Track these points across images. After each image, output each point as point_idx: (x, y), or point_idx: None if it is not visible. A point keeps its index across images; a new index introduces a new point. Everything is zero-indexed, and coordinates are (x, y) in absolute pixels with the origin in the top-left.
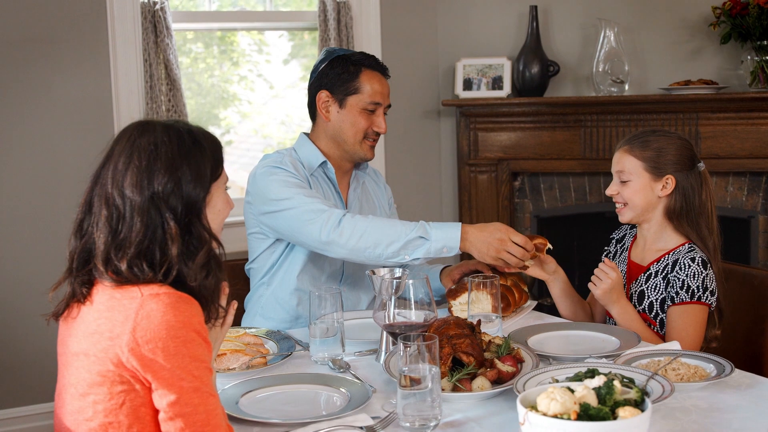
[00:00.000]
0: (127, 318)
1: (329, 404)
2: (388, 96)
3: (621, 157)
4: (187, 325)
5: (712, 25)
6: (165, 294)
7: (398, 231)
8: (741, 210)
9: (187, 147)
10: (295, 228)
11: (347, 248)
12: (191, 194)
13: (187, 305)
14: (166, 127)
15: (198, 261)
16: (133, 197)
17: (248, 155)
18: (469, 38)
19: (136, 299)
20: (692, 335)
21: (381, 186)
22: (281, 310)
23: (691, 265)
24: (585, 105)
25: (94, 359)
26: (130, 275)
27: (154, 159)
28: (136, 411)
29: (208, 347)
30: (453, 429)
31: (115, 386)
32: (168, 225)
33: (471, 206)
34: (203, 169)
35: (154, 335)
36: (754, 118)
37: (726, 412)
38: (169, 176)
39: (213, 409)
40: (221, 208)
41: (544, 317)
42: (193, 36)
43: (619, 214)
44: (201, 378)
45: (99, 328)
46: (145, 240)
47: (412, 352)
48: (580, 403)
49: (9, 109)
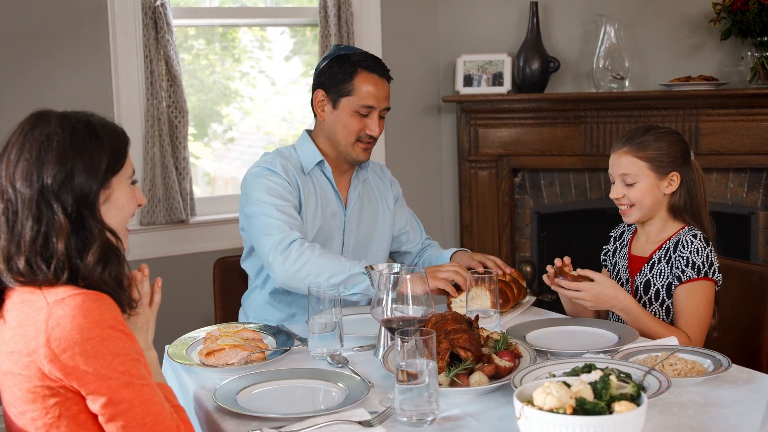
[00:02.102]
0: (39, 330)
1: (327, 399)
2: (385, 99)
3: (621, 158)
4: (100, 323)
5: (712, 21)
6: (70, 297)
7: (343, 265)
8: (741, 206)
9: (80, 139)
10: (255, 235)
11: (287, 273)
12: (83, 187)
13: (95, 303)
14: (60, 118)
15: (92, 255)
16: (23, 190)
17: (250, 152)
18: (469, 34)
19: (42, 310)
20: (702, 312)
21: (386, 182)
22: (275, 311)
23: (693, 241)
24: (585, 101)
25: (20, 377)
26: (30, 275)
27: (45, 151)
28: (75, 418)
29: (128, 338)
30: (450, 423)
31: (47, 400)
32: (57, 218)
33: (471, 202)
34: (98, 161)
35: (69, 342)
36: (755, 115)
37: (723, 407)
38: (59, 168)
39: (150, 399)
40: (125, 203)
41: (543, 313)
42: (194, 32)
43: (625, 216)
44: (128, 372)
45: (16, 347)
46: (38, 236)
47: (410, 347)
48: (576, 398)
49: (10, 104)
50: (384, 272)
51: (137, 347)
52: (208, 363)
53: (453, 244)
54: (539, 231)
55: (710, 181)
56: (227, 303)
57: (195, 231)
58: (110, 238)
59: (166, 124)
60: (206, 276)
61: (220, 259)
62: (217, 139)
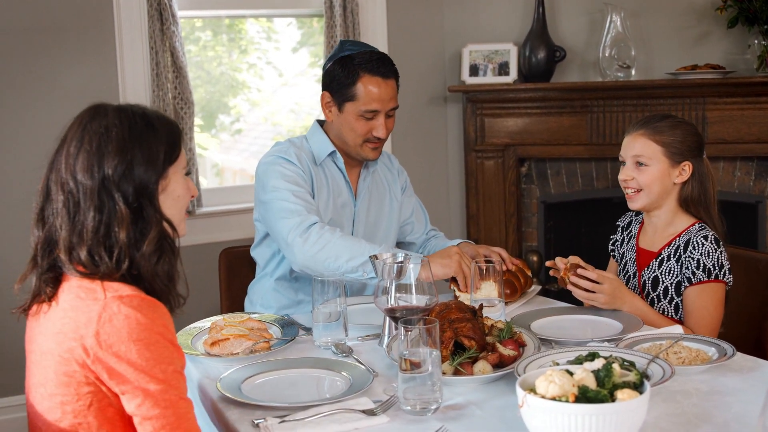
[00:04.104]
0: (90, 320)
1: (331, 388)
2: (390, 100)
3: (636, 140)
4: (150, 328)
5: (719, 10)
6: (128, 297)
7: (362, 248)
8: (749, 195)
9: (138, 130)
10: (272, 220)
11: (306, 255)
12: (143, 177)
13: (150, 308)
14: (118, 111)
15: (148, 245)
16: (85, 181)
17: (258, 143)
18: (475, 24)
19: (99, 301)
20: (713, 314)
21: (394, 172)
22: (282, 297)
23: (705, 243)
24: (591, 90)
25: (59, 359)
26: (92, 265)
27: (104, 142)
28: (104, 411)
29: (176, 350)
30: (454, 412)
31: (81, 387)
32: (118, 207)
33: (478, 192)
34: (156, 152)
35: (117, 339)
36: (762, 103)
37: (727, 395)
38: (120, 159)
39: (184, 414)
40: (181, 194)
41: (549, 302)
42: (201, 24)
43: (630, 201)
44: (168, 381)
45: (63, 328)
46: (100, 226)
47: (413, 336)
48: (578, 386)
49: (15, 98)
50: (388, 261)
51: (182, 361)
52: (212, 353)
53: (459, 234)
54: (546, 221)
55: (717, 170)
56: (233, 293)
57: (202, 222)
58: (167, 228)
59: (171, 115)
60: (213, 267)
61: (226, 249)
62: (225, 130)
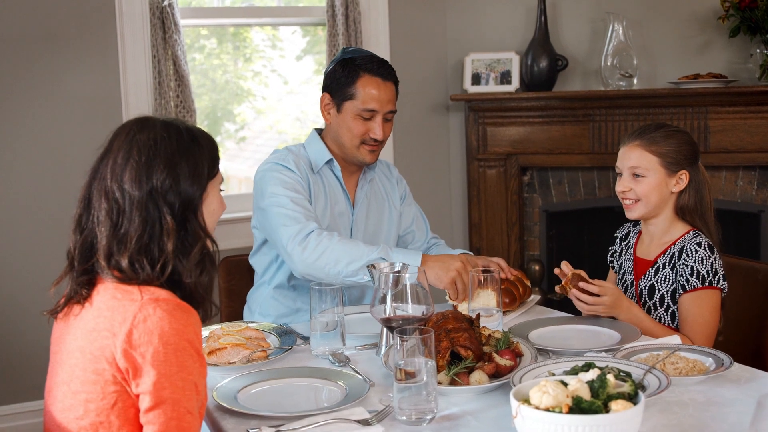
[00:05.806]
0: (125, 320)
1: (327, 398)
2: (388, 102)
3: (632, 151)
4: (181, 333)
5: (721, 19)
6: (164, 301)
7: (361, 251)
8: (751, 204)
9: (185, 144)
10: (270, 227)
11: (306, 263)
12: (188, 191)
13: (184, 314)
14: (165, 124)
15: (193, 258)
16: (132, 192)
17: (262, 151)
18: (477, 33)
19: (136, 302)
20: (708, 320)
21: (393, 181)
22: (280, 306)
23: (698, 250)
24: (594, 99)
25: (90, 357)
26: (131, 272)
27: (153, 154)
28: (126, 412)
29: (200, 360)
30: (449, 422)
31: (108, 386)
32: (165, 220)
33: (480, 201)
34: (201, 166)
35: (147, 339)
36: (764, 112)
37: (723, 406)
38: (168, 172)
39: (187, 428)
40: (216, 208)
41: (548, 312)
42: (206, 32)
43: (628, 211)
44: (183, 391)
45: (98, 326)
46: (144, 235)
47: (409, 346)
48: (572, 397)
49: (18, 104)
50: (385, 271)
51: (203, 373)
52: (210, 361)
53: (461, 242)
54: (548, 229)
55: (719, 179)
56: (232, 302)
57: None
58: (208, 242)
59: None
60: None
61: (226, 257)
62: (230, 138)
